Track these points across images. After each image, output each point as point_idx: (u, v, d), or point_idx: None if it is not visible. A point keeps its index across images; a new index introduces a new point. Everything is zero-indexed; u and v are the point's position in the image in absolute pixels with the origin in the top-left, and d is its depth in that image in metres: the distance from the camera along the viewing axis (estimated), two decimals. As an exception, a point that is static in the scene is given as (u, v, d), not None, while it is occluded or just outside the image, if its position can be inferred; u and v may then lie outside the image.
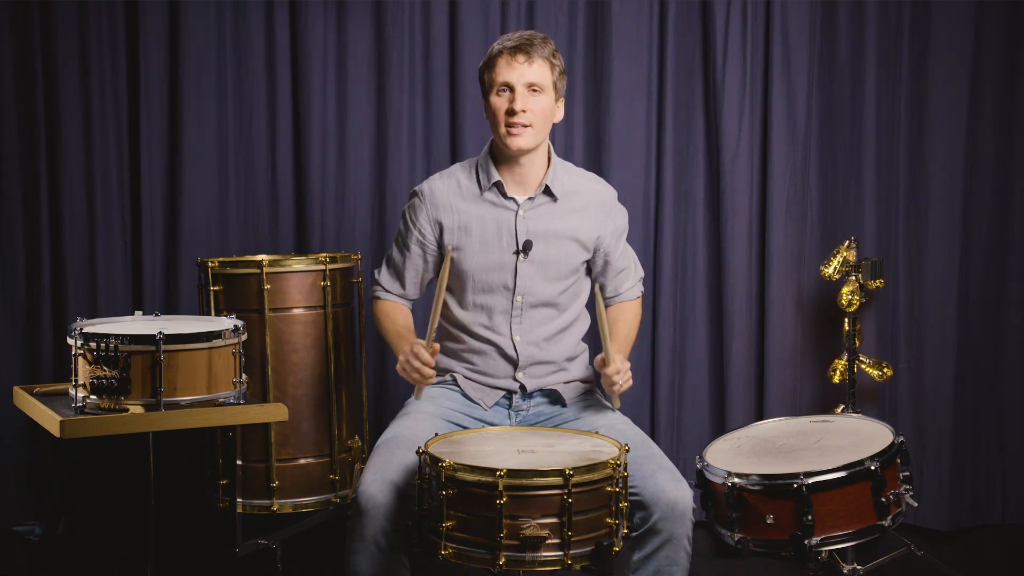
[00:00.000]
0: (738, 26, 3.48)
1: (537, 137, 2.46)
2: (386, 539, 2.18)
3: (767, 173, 3.51)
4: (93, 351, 2.24)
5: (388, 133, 3.50)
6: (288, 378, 2.79)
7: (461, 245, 2.49)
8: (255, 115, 3.48)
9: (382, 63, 3.50)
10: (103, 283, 3.41)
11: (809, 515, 2.23)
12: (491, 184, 2.49)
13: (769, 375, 3.52)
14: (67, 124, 3.37)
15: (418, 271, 2.59)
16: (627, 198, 3.35)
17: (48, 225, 3.39)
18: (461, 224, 2.50)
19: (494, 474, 1.93)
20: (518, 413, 2.53)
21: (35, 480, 3.40)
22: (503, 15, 3.49)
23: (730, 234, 3.52)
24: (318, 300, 2.81)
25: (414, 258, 2.57)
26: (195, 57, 3.41)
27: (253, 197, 3.50)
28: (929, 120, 3.44)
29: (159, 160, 3.43)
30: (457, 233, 2.50)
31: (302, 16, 3.46)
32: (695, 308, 3.58)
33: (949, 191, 3.44)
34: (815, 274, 3.47)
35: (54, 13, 3.33)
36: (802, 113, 3.50)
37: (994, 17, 3.42)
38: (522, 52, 2.42)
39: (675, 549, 2.21)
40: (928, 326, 3.47)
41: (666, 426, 3.56)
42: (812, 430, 2.58)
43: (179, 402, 2.27)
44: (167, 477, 2.71)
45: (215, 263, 2.79)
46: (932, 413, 3.47)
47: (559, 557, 1.96)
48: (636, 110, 3.53)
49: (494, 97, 2.45)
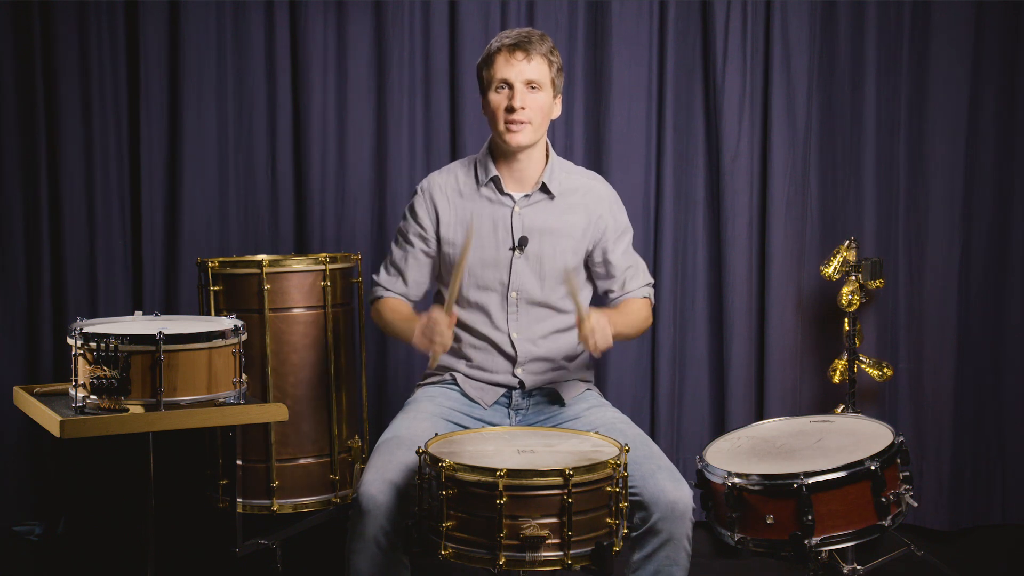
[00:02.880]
0: (738, 26, 3.48)
1: (536, 134, 2.47)
2: (386, 539, 2.18)
3: (767, 173, 3.51)
4: (93, 351, 2.24)
5: (388, 133, 3.51)
6: (288, 378, 2.79)
7: (458, 239, 2.50)
8: (255, 115, 3.48)
9: (382, 63, 3.50)
10: (103, 283, 3.41)
11: (809, 515, 2.23)
12: (488, 179, 2.51)
13: (769, 375, 3.52)
14: (67, 124, 3.37)
15: (420, 266, 2.57)
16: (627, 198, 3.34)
17: (48, 225, 3.39)
18: (458, 218, 2.51)
19: (494, 474, 1.93)
20: (518, 412, 2.53)
21: (35, 480, 3.40)
22: (503, 15, 3.50)
23: (730, 234, 3.52)
24: (318, 300, 2.81)
25: (416, 252, 2.56)
26: (195, 57, 3.41)
27: (253, 197, 3.50)
28: (929, 120, 3.44)
29: (159, 160, 3.43)
30: (454, 227, 2.52)
31: (302, 16, 3.46)
32: (695, 308, 3.58)
33: (949, 191, 3.44)
34: (815, 274, 3.47)
35: (54, 13, 3.33)
36: (802, 113, 3.50)
37: (994, 17, 3.42)
38: (520, 49, 2.43)
39: (675, 549, 2.21)
40: (928, 326, 3.47)
41: (666, 426, 3.56)
42: (812, 430, 2.58)
43: (179, 402, 2.26)
44: (167, 477, 2.71)
45: (215, 263, 2.79)
46: (932, 413, 3.47)
47: (559, 557, 1.96)
48: (636, 110, 3.53)
49: (493, 94, 2.46)
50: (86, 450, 3.22)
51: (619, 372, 3.56)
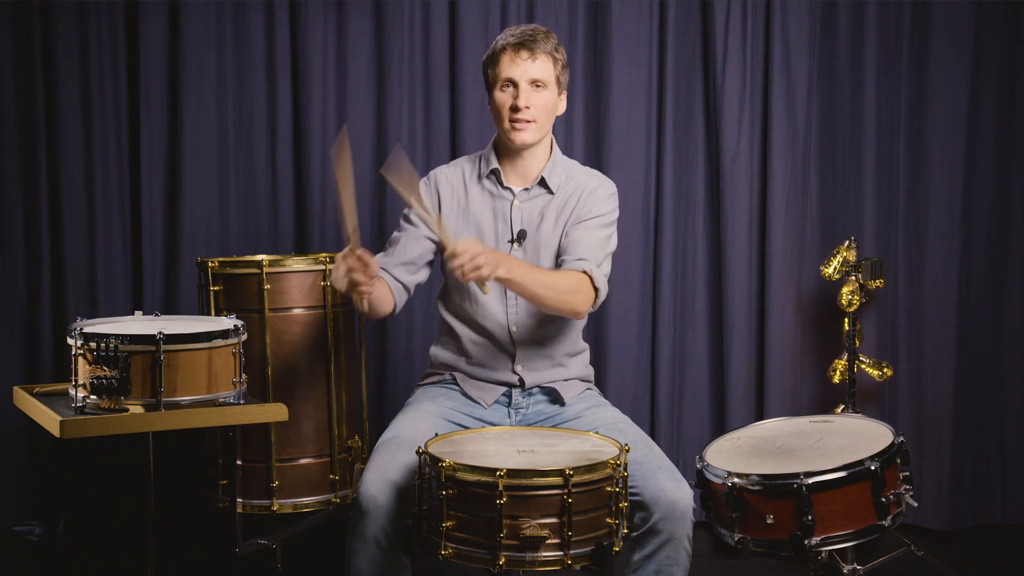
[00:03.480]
0: (738, 26, 3.48)
1: (540, 131, 2.49)
2: (386, 539, 2.18)
3: (767, 173, 3.51)
4: (93, 351, 2.24)
5: (388, 133, 3.50)
6: (288, 378, 2.79)
7: (458, 230, 2.51)
8: (255, 115, 3.48)
9: (382, 63, 3.50)
10: (103, 283, 3.41)
11: (809, 515, 2.23)
12: (489, 171, 2.52)
13: (769, 375, 3.52)
14: (67, 124, 3.37)
15: (416, 242, 2.52)
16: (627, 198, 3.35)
17: (48, 225, 3.38)
18: (460, 209, 2.53)
19: (494, 474, 1.93)
20: (518, 412, 2.53)
21: (35, 480, 3.40)
22: (503, 15, 3.50)
23: (730, 234, 3.52)
24: (318, 300, 2.81)
25: (415, 232, 2.53)
26: (195, 57, 3.41)
27: (253, 197, 3.50)
28: (929, 120, 3.44)
29: (159, 160, 3.43)
30: (456, 218, 2.53)
31: (302, 16, 3.46)
32: (695, 308, 3.58)
33: (949, 191, 3.44)
34: (815, 274, 3.47)
35: (54, 13, 3.33)
36: (802, 113, 3.50)
37: (994, 17, 3.42)
38: (525, 48, 2.44)
39: (675, 549, 2.21)
40: (928, 326, 3.47)
41: (666, 426, 3.56)
42: (812, 430, 2.58)
43: (179, 402, 2.26)
44: (167, 477, 2.71)
45: (215, 263, 2.79)
46: (932, 413, 3.47)
47: (559, 557, 1.96)
48: (636, 110, 3.53)
49: (498, 93, 2.47)
50: (86, 450, 3.22)
51: (619, 372, 3.56)
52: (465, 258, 2.15)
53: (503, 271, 2.22)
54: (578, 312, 2.44)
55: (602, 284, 2.45)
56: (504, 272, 2.23)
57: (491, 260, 2.18)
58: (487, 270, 2.17)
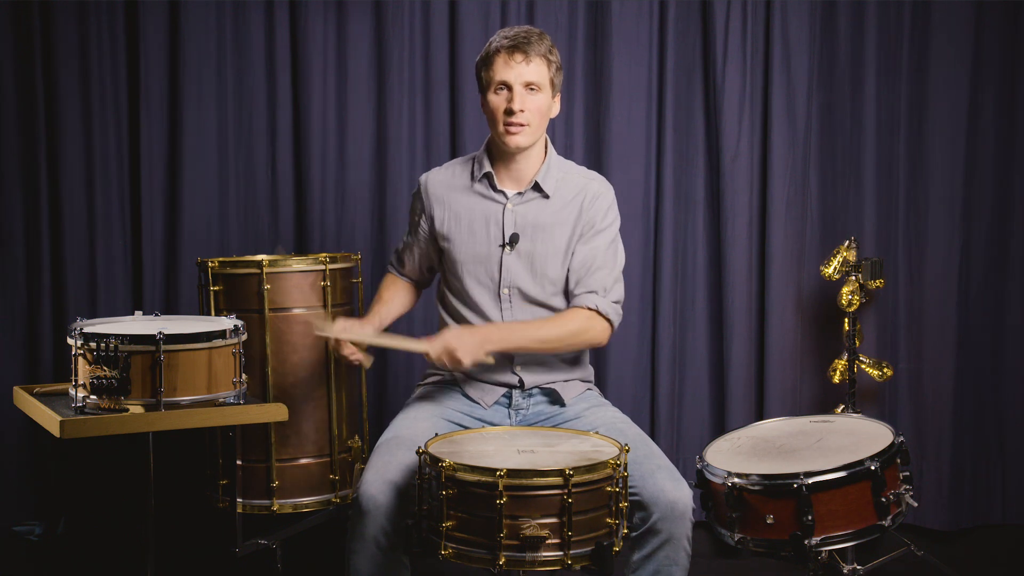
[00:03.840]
0: (738, 26, 3.48)
1: (535, 135, 2.47)
2: (386, 539, 2.18)
3: (767, 173, 3.51)
4: (93, 351, 2.24)
5: (388, 133, 3.51)
6: (288, 378, 2.79)
7: (451, 234, 2.52)
8: (255, 115, 3.48)
9: (382, 63, 3.50)
10: (103, 283, 3.41)
11: (809, 515, 2.23)
12: (482, 175, 2.51)
13: (769, 375, 3.52)
14: (67, 124, 3.37)
15: (421, 253, 2.64)
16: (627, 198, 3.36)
17: (48, 225, 3.39)
18: (452, 213, 2.53)
19: (494, 474, 1.93)
20: (518, 412, 2.53)
21: (35, 480, 3.40)
22: (503, 15, 3.50)
23: (730, 234, 3.52)
24: (318, 300, 2.81)
25: (417, 242, 2.64)
26: (195, 57, 3.41)
27: (253, 197, 3.50)
28: (929, 120, 3.44)
29: (159, 160, 3.43)
30: (448, 223, 2.53)
31: (302, 16, 3.46)
32: (695, 308, 3.58)
33: (949, 191, 3.44)
34: (815, 274, 3.47)
35: (54, 13, 3.33)
36: (802, 113, 3.50)
37: (994, 17, 3.42)
38: (519, 51, 2.42)
39: (675, 549, 2.21)
40: (928, 326, 3.47)
41: (666, 426, 3.56)
42: (812, 430, 2.58)
43: (179, 402, 2.27)
44: (167, 477, 2.71)
45: (215, 263, 2.79)
46: (932, 413, 3.47)
47: (559, 557, 1.96)
48: (636, 110, 3.53)
49: (492, 95, 2.45)
50: (86, 450, 3.22)
51: (619, 372, 3.56)
52: (443, 359, 2.26)
53: (493, 346, 2.32)
54: (596, 344, 2.52)
55: (614, 315, 2.49)
56: (495, 347, 2.33)
57: (469, 348, 2.27)
58: (467, 360, 2.27)
